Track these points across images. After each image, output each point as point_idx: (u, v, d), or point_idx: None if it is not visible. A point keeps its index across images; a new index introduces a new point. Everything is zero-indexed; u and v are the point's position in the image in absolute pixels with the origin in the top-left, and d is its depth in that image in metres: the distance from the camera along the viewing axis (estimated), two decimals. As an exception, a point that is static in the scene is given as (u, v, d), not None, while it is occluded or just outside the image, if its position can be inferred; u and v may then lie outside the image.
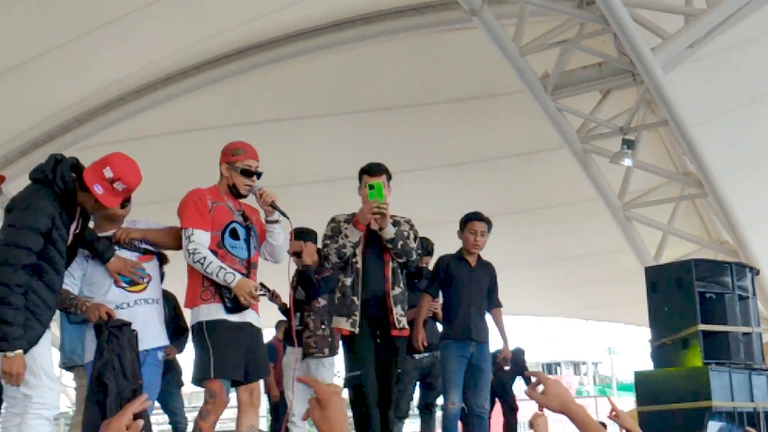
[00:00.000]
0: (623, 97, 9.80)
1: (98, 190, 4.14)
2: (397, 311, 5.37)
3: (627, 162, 9.58)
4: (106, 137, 10.68)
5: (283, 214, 4.84)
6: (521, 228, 12.93)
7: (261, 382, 5.06)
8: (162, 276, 7.61)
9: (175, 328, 7.56)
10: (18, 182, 9.35)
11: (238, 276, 4.62)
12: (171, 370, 7.62)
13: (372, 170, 5.47)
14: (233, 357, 4.64)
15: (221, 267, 4.61)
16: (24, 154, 10.59)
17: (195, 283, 4.74)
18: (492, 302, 6.59)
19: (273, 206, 4.82)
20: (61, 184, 4.11)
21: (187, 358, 7.92)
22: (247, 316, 4.72)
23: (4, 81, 9.16)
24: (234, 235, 4.79)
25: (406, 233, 5.49)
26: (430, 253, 7.23)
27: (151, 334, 4.64)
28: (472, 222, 6.54)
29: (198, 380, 4.67)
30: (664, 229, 10.99)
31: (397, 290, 5.43)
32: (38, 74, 9.31)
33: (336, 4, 9.72)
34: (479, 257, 6.62)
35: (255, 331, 4.79)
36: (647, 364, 7.91)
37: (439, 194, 11.77)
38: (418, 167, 11.68)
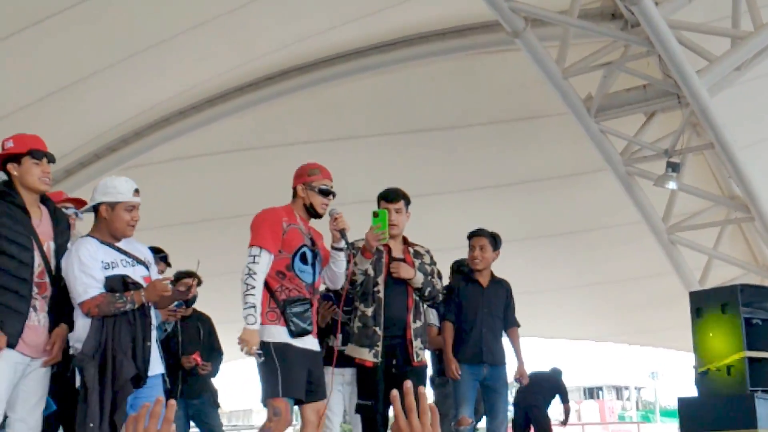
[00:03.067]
0: (668, 119, 9.70)
1: None
2: (417, 344, 5.38)
3: (672, 185, 9.47)
4: (151, 158, 10.82)
5: (346, 243, 4.97)
6: (564, 251, 12.84)
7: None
8: (194, 298, 7.66)
9: (210, 350, 7.58)
10: (64, 201, 9.42)
11: (256, 326, 4.72)
12: (206, 390, 7.63)
13: (389, 197, 5.51)
14: (299, 378, 4.77)
15: (254, 306, 4.73)
16: (70, 173, 10.75)
17: (262, 301, 4.84)
18: (508, 322, 6.40)
19: (342, 234, 4.93)
20: None
21: (221, 380, 7.95)
22: (307, 342, 4.87)
23: (50, 102, 9.32)
24: (303, 259, 4.90)
25: (429, 269, 5.49)
26: None
27: (155, 359, 4.60)
28: (470, 238, 6.43)
29: (265, 398, 4.78)
30: (710, 253, 10.83)
31: (418, 323, 5.45)
32: (84, 96, 9.46)
33: (378, 27, 9.77)
34: (492, 275, 6.46)
35: (315, 355, 4.95)
36: (691, 390, 7.77)
37: (481, 216, 11.63)
38: (460, 189, 11.66)
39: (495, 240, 6.42)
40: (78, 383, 4.32)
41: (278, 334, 4.78)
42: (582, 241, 12.70)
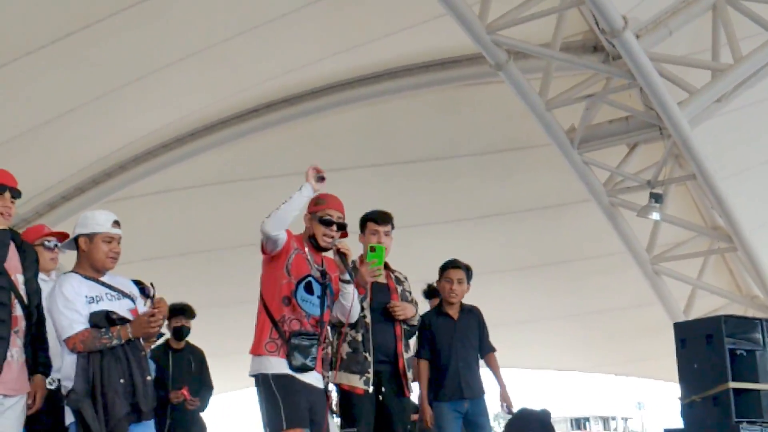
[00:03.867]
0: (650, 150, 9.77)
1: None
2: (409, 375, 5.27)
3: (655, 216, 9.52)
4: (135, 190, 10.80)
5: (349, 274, 4.72)
6: (549, 281, 12.85)
7: None
8: (188, 330, 7.60)
9: (200, 384, 7.51)
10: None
11: (305, 185, 4.68)
12: (195, 424, 7.55)
13: (379, 219, 5.30)
14: (303, 408, 4.56)
15: (289, 196, 4.64)
16: (54, 207, 10.71)
17: (262, 330, 4.63)
18: (483, 349, 6.22)
19: (342, 259, 4.71)
20: None
21: (210, 414, 7.86)
22: (310, 377, 4.64)
23: (35, 135, 9.30)
24: (308, 289, 4.68)
25: (409, 297, 5.38)
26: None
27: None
28: (447, 270, 6.15)
29: None
30: (694, 283, 10.87)
31: (409, 353, 5.36)
32: (67, 129, 9.45)
33: (363, 60, 9.83)
34: (461, 305, 6.25)
35: (318, 392, 4.71)
36: (677, 421, 7.76)
37: (466, 247, 11.69)
38: (446, 220, 11.68)
39: (469, 272, 6.32)
40: (68, 421, 4.26)
41: (278, 365, 4.55)
42: (566, 271, 12.72)
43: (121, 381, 4.24)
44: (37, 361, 4.38)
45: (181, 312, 7.51)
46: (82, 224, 4.48)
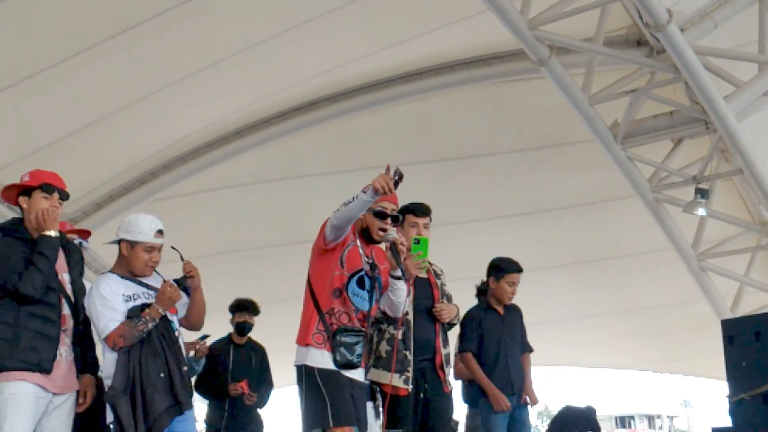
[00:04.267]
0: (696, 145, 9.65)
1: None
2: (448, 371, 5.18)
3: (701, 211, 9.40)
4: (179, 190, 10.91)
5: (402, 272, 4.61)
6: (592, 278, 12.76)
7: None
8: (250, 326, 7.64)
9: (260, 380, 7.53)
10: (94, 235, 9.58)
11: (368, 190, 4.46)
12: (252, 421, 7.56)
13: (417, 211, 5.19)
14: (350, 406, 4.46)
15: (354, 196, 4.45)
16: (100, 206, 10.83)
17: (309, 320, 4.55)
18: (523, 347, 6.24)
19: (393, 249, 4.59)
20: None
21: (269, 412, 7.86)
22: (354, 373, 4.56)
23: (81, 136, 9.43)
24: (360, 283, 4.59)
25: (448, 291, 5.29)
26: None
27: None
28: (512, 274, 6.11)
29: (312, 430, 4.48)
30: (741, 279, 10.71)
31: (448, 349, 5.28)
32: (113, 130, 9.57)
33: (403, 57, 9.82)
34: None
35: (361, 388, 4.63)
36: (725, 420, 7.66)
37: (509, 244, 11.65)
38: (487, 217, 11.64)
39: None
40: (109, 419, 4.31)
41: (323, 359, 4.45)
42: (611, 268, 12.61)
43: (161, 375, 4.28)
44: (86, 360, 4.45)
45: (245, 308, 7.58)
46: (125, 229, 4.52)
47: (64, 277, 4.40)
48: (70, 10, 7.89)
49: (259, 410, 7.60)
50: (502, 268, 6.12)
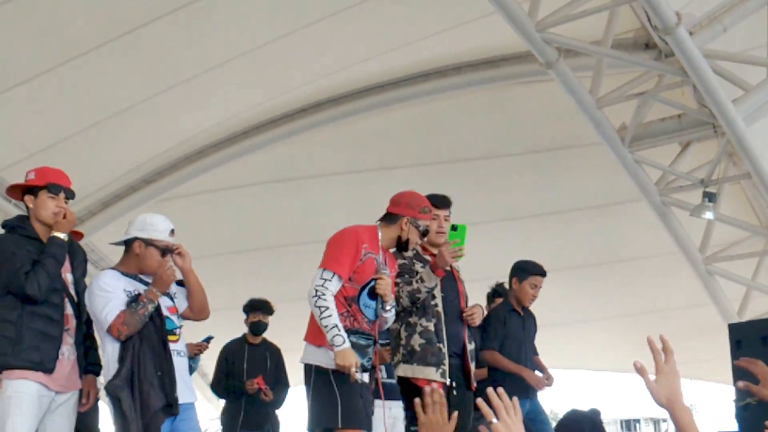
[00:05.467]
0: (704, 148, 9.63)
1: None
2: (473, 368, 5.13)
3: (708, 215, 9.37)
4: (186, 189, 10.91)
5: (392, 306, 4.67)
6: (598, 282, 12.73)
7: None
8: (265, 326, 7.63)
9: (276, 381, 7.51)
10: (101, 234, 9.63)
11: (346, 345, 4.31)
12: (268, 421, 7.55)
13: (437, 203, 5.09)
14: (362, 410, 4.43)
15: (336, 326, 4.31)
16: (107, 205, 10.85)
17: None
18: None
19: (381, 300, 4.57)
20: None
21: (284, 411, 7.84)
22: (364, 376, 4.54)
23: (88, 135, 9.45)
24: (372, 293, 4.55)
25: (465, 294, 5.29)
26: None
27: (183, 388, 4.48)
28: (535, 277, 6.09)
29: (319, 428, 4.46)
30: (748, 284, 10.68)
31: (473, 345, 5.22)
32: (121, 128, 9.59)
33: (410, 59, 9.82)
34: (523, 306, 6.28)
35: (366, 388, 4.60)
36: (731, 424, 7.64)
37: (515, 247, 11.66)
38: (493, 219, 11.61)
39: None
40: (111, 410, 4.31)
41: (326, 359, 4.42)
42: (617, 271, 12.58)
43: (158, 374, 4.28)
44: (89, 360, 4.44)
45: (260, 308, 7.57)
46: (139, 227, 4.48)
47: (68, 277, 4.40)
48: (76, 10, 7.91)
49: (275, 410, 7.59)
50: (526, 270, 6.11)
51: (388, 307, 4.61)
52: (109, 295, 4.33)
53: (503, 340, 6.01)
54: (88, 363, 4.45)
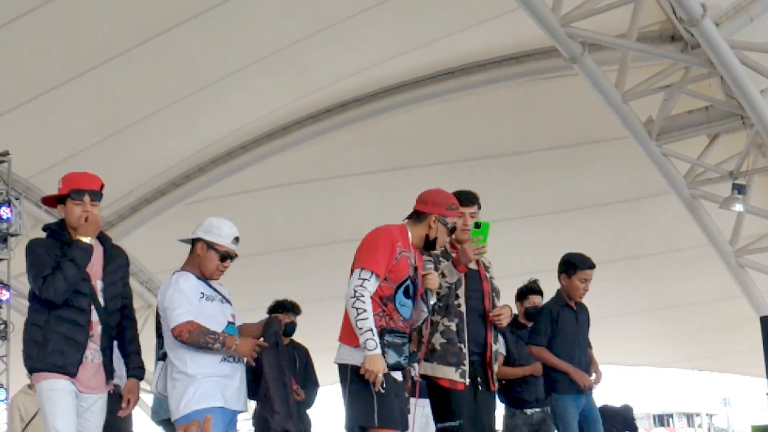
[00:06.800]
0: (732, 140, 9.54)
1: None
2: (495, 368, 5.12)
3: (738, 207, 9.29)
4: (214, 192, 10.99)
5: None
6: (628, 276, 12.66)
7: None
8: (294, 327, 7.67)
9: (306, 381, 7.54)
10: (130, 237, 9.71)
11: (378, 351, 4.34)
12: (302, 420, 7.56)
13: (465, 199, 4.99)
14: (398, 409, 4.44)
15: (371, 330, 4.33)
16: (136, 210, 10.95)
17: None
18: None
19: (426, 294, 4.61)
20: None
21: (317, 411, 7.88)
22: (399, 374, 4.54)
23: (116, 141, 9.54)
24: (407, 292, 4.54)
25: (496, 287, 5.25)
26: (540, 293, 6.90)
27: (242, 396, 4.52)
28: (584, 271, 6.04)
29: (356, 426, 4.45)
30: (780, 276, 10.58)
31: (496, 345, 5.20)
32: (149, 133, 9.67)
33: (434, 57, 9.82)
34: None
35: (400, 386, 4.58)
36: (765, 416, 7.58)
37: (543, 242, 11.64)
38: (521, 215, 11.59)
39: None
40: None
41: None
42: (647, 265, 12.51)
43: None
44: (131, 364, 4.47)
45: (290, 308, 7.60)
46: (206, 229, 4.50)
47: (97, 284, 4.36)
48: (104, 18, 8.00)
49: (307, 410, 7.62)
50: (574, 264, 6.04)
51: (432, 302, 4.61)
52: (184, 296, 4.35)
53: (556, 335, 5.99)
54: (131, 367, 4.43)
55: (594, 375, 6.09)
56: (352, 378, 4.45)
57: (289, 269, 12.01)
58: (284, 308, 7.50)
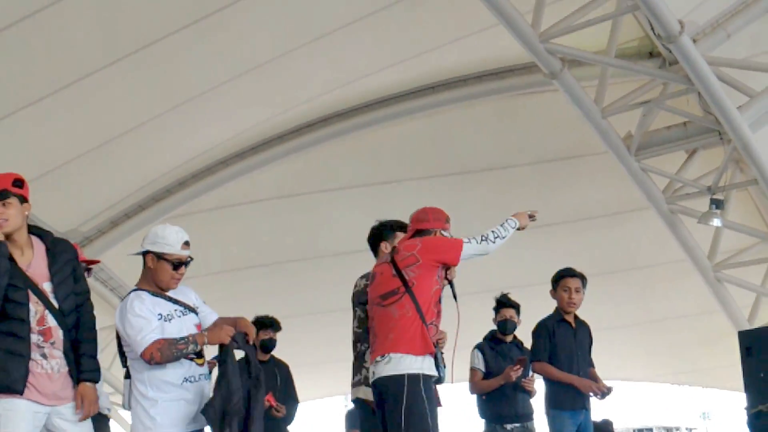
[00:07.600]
0: (710, 156, 9.63)
1: None
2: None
3: (716, 222, 9.37)
4: (196, 206, 10.95)
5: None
6: (608, 290, 12.68)
7: None
8: (274, 343, 7.64)
9: (286, 397, 7.51)
10: (110, 253, 9.66)
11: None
12: None
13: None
14: (437, 415, 4.67)
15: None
16: (116, 224, 10.88)
17: (415, 330, 4.64)
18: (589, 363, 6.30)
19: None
20: None
21: (297, 428, 7.86)
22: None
23: (96, 155, 9.49)
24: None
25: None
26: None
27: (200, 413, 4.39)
28: (564, 279, 6.11)
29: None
30: (758, 290, 10.66)
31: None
32: (129, 146, 9.63)
33: (416, 72, 9.86)
34: (576, 317, 6.25)
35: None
36: (744, 431, 7.62)
37: (525, 257, 11.67)
38: (502, 230, 11.61)
39: (584, 280, 6.23)
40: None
41: (430, 367, 4.62)
42: (626, 280, 12.56)
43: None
44: (82, 368, 4.21)
45: (269, 325, 7.58)
46: (151, 240, 4.37)
47: (45, 287, 4.14)
48: (82, 32, 7.98)
49: (287, 426, 7.58)
50: (557, 275, 6.13)
51: None
52: (143, 320, 4.23)
53: (553, 351, 6.00)
54: (81, 371, 4.18)
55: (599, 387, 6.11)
56: (409, 385, 4.55)
57: (271, 284, 11.97)
58: (263, 325, 7.47)
